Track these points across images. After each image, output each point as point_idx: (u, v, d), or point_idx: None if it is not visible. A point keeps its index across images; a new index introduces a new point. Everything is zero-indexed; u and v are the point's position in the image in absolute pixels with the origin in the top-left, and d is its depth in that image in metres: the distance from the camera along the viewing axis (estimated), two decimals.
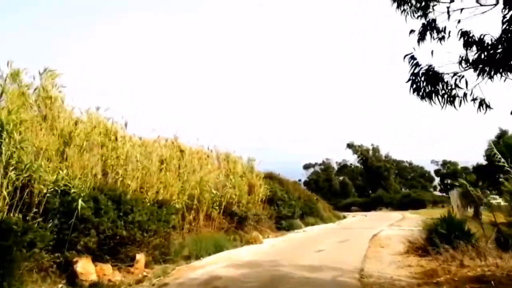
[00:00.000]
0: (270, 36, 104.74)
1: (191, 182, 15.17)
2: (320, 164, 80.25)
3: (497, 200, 27.67)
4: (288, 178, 29.68)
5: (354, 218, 32.73)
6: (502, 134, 25.61)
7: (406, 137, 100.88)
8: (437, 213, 36.68)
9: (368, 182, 63.74)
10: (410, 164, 79.54)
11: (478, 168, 27.22)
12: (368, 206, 54.64)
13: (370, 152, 66.93)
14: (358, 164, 71.13)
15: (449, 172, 78.32)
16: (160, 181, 13.62)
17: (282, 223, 22.44)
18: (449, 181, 79.07)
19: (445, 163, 79.99)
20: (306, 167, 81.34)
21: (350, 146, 66.95)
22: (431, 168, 79.90)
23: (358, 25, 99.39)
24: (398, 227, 19.28)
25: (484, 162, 26.82)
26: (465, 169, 74.81)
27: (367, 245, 12.72)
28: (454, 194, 19.17)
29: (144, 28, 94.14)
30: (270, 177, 26.21)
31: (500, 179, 25.80)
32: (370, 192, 62.27)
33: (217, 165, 20.63)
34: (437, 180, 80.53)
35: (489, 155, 24.97)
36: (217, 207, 16.85)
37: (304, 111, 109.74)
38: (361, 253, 10.79)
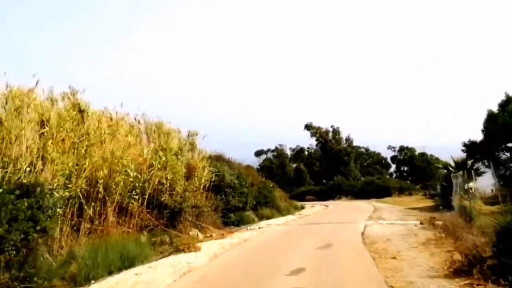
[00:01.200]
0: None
1: (93, 158, 10.25)
2: (273, 151, 76.57)
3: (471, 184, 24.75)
4: (240, 162, 25.31)
5: (315, 209, 28.96)
6: (507, 102, 22.24)
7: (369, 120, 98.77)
8: (408, 201, 33.90)
9: (326, 168, 60.44)
10: (367, 150, 77.83)
11: (470, 145, 23.94)
12: (325, 194, 51.38)
13: (330, 135, 63.43)
14: (316, 148, 67.68)
15: (406, 158, 77.90)
16: (34, 153, 8.65)
17: (231, 217, 18.12)
18: (405, 168, 78.92)
19: (402, 149, 79.39)
20: (258, 153, 77.39)
21: (308, 127, 63.08)
22: (387, 154, 78.83)
23: None
24: (382, 220, 15.46)
25: (479, 138, 23.68)
26: (422, 154, 75.09)
27: (368, 255, 8.49)
28: (458, 178, 15.57)
29: None
30: (217, 158, 21.84)
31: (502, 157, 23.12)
32: (326, 179, 58.99)
33: (146, 139, 15.82)
34: (393, 167, 79.80)
35: (488, 128, 21.85)
36: (137, 196, 12.07)
37: (257, 93, 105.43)
38: (373, 276, 6.47)
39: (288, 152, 75.60)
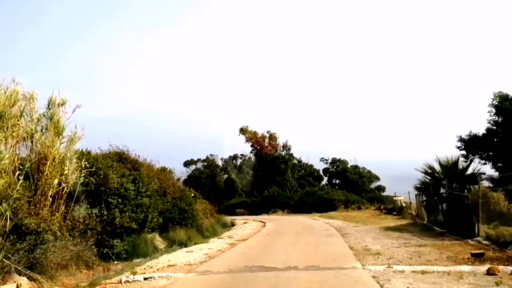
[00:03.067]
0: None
1: None
2: (203, 160, 68.60)
3: None
4: (154, 164, 17.40)
5: (249, 228, 21.56)
6: None
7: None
8: (364, 217, 27.33)
9: (261, 178, 52.91)
10: (300, 161, 72.31)
11: (470, 141, 17.75)
12: (258, 207, 44.10)
13: (266, 140, 56.44)
14: (250, 155, 59.85)
15: (339, 171, 73.94)
16: None
17: (115, 246, 10.38)
18: (337, 181, 74.72)
19: (334, 161, 75.49)
20: (187, 163, 69.01)
21: (243, 131, 55.24)
22: (320, 166, 74.05)
23: None
24: (397, 265, 8.03)
25: (482, 131, 17.67)
26: (355, 167, 71.57)
27: None
28: None
29: None
30: (118, 156, 14.48)
31: None
32: (260, 190, 51.63)
33: None
34: (325, 179, 75.26)
35: (503, 113, 15.91)
36: None
37: (189, 96, 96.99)
38: None
39: (220, 163, 68.23)
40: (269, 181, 49.16)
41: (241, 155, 62.03)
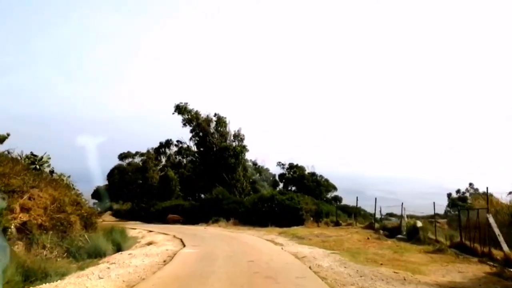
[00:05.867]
0: None
1: None
2: (142, 154, 55.85)
3: None
4: None
5: (133, 265, 9.44)
6: None
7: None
8: (352, 242, 10.27)
9: (204, 174, 39.68)
10: (255, 164, 61.63)
11: None
12: (197, 213, 32.25)
13: (212, 126, 41.15)
14: (190, 144, 45.76)
15: (295, 177, 64.52)
16: None
17: None
18: (293, 188, 65.21)
19: (291, 167, 65.91)
20: (123, 156, 55.96)
21: (180, 110, 40.07)
22: (276, 171, 64.34)
23: None
24: None
25: None
26: (312, 174, 63.00)
27: None
28: None
29: None
30: None
31: None
32: (202, 191, 39.39)
33: None
34: (281, 185, 65.37)
35: None
36: None
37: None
38: None
39: (163, 158, 55.81)
40: (214, 179, 36.55)
41: (178, 141, 47.02)
